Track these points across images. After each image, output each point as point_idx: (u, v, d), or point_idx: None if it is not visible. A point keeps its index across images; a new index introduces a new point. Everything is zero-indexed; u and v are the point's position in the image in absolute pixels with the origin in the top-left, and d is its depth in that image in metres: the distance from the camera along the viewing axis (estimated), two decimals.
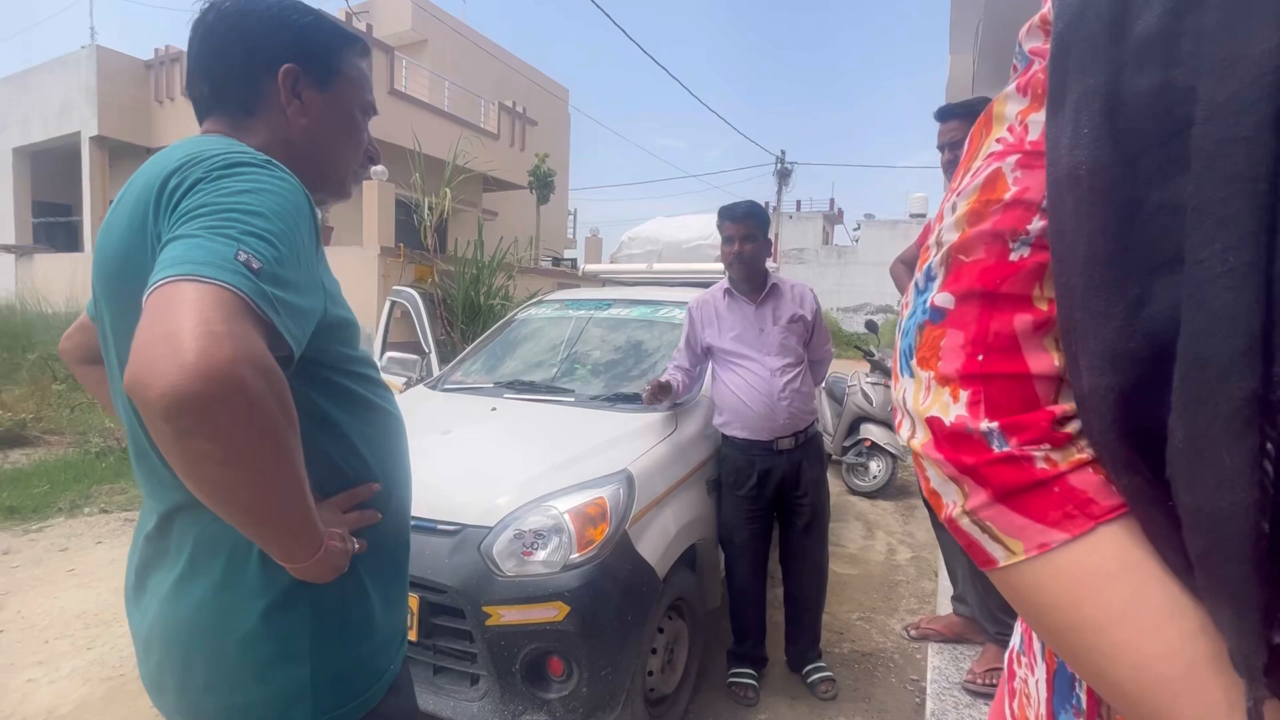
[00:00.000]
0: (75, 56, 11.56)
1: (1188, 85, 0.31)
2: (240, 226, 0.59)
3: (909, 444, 0.43)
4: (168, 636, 0.73)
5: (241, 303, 0.55)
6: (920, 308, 0.43)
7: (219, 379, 0.51)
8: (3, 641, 2.44)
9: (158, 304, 0.53)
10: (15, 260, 11.88)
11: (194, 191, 0.62)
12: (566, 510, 1.70)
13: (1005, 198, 0.41)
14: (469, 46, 13.34)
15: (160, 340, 0.51)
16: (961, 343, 0.40)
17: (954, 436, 0.39)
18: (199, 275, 0.54)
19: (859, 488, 4.66)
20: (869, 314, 18.82)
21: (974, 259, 0.41)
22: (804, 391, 2.21)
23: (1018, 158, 0.42)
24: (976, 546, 0.40)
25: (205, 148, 0.67)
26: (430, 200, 7.24)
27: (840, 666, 2.44)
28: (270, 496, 0.59)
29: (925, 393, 0.41)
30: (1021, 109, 0.43)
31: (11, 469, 4.44)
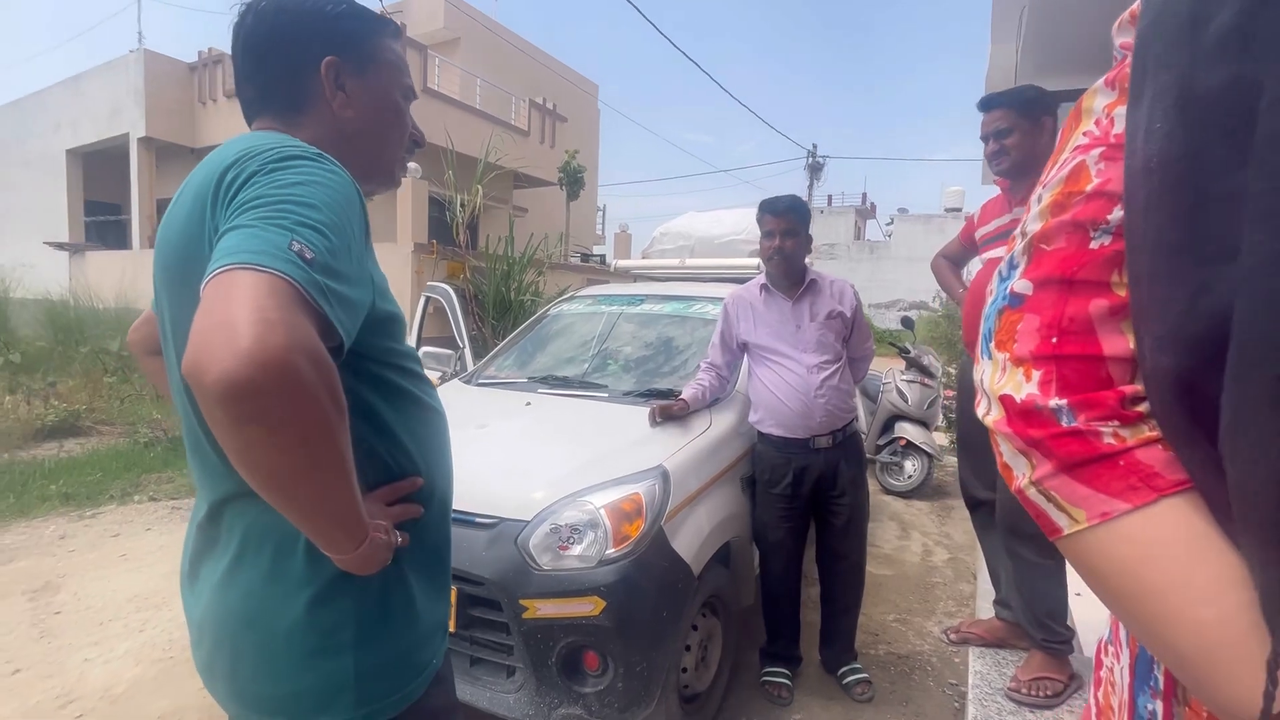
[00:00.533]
0: (124, 60, 11.99)
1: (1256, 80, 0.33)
2: (294, 217, 0.60)
3: (985, 421, 0.45)
4: (218, 624, 0.75)
5: (295, 291, 0.55)
6: (1001, 294, 0.46)
7: (273, 366, 0.51)
8: (61, 622, 2.56)
9: (214, 292, 0.54)
10: (69, 257, 12.40)
11: (250, 184, 0.63)
12: (602, 505, 1.70)
13: (1087, 189, 0.43)
14: (500, 44, 13.44)
15: (217, 327, 0.52)
16: (1037, 326, 0.42)
17: (1025, 412, 0.42)
18: (254, 264, 0.55)
19: (893, 487, 4.58)
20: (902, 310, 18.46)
21: (1054, 248, 0.43)
22: (842, 389, 2.16)
23: (1102, 150, 0.44)
24: (1044, 516, 0.42)
25: (260, 142, 0.68)
26: (462, 197, 7.33)
27: (876, 668, 2.40)
28: (320, 485, 0.59)
29: (1000, 373, 0.44)
30: (1109, 103, 0.45)
31: (67, 458, 4.64)
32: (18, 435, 4.97)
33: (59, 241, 12.50)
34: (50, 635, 2.46)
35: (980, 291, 2.00)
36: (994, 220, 2.04)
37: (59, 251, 12.42)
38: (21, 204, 13.72)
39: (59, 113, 12.99)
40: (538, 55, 14.67)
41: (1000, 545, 2.02)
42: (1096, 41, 3.68)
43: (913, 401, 4.60)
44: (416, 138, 0.91)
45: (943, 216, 22.96)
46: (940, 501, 4.50)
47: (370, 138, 0.83)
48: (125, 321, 7.70)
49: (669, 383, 2.49)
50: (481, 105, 12.02)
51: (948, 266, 2.42)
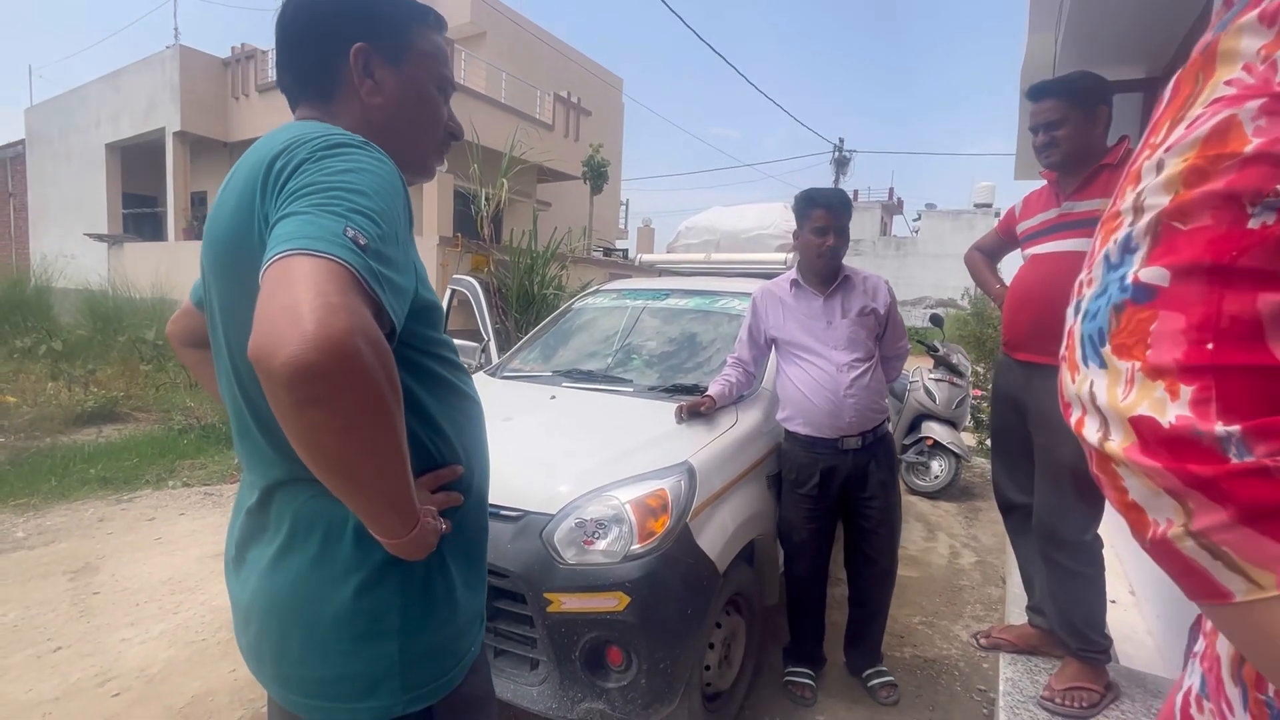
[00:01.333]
0: (160, 56, 12.28)
1: None
2: (346, 204, 0.60)
3: (1102, 447, 0.36)
4: (266, 608, 0.75)
5: (352, 277, 0.56)
6: (1116, 285, 0.36)
7: (337, 350, 0.52)
8: (100, 602, 2.63)
9: (276, 277, 0.55)
10: (108, 249, 12.77)
11: (300, 172, 0.64)
12: (628, 501, 1.69)
13: (1245, 150, 0.33)
14: (526, 37, 13.46)
15: (282, 311, 0.53)
16: (1182, 327, 0.33)
17: (1174, 441, 0.33)
18: (313, 250, 0.56)
19: (919, 488, 4.50)
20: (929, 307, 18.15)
21: (1197, 225, 0.34)
22: (873, 389, 2.10)
23: (1262, 102, 0.34)
24: (1200, 575, 0.33)
25: (306, 131, 0.69)
26: (487, 191, 7.36)
27: (902, 671, 2.36)
28: (378, 467, 0.60)
29: (1128, 387, 0.35)
30: (1265, 43, 0.35)
31: (104, 443, 4.78)
32: (59, 420, 5.13)
33: (98, 233, 12.89)
34: (89, 615, 2.53)
35: (1025, 290, 1.92)
36: (1039, 214, 1.95)
37: (98, 243, 12.80)
38: (63, 197, 14.16)
39: (99, 108, 13.37)
40: (563, 49, 14.67)
41: (1035, 551, 1.96)
42: (1145, 29, 3.53)
43: (940, 400, 4.51)
44: (454, 130, 0.90)
45: (972, 212, 22.49)
46: (968, 503, 4.41)
47: (399, 126, 0.82)
48: (160, 311, 7.91)
49: (694, 378, 2.47)
50: (507, 99, 12.07)
51: (983, 260, 2.34)
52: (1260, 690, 0.34)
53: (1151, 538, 0.34)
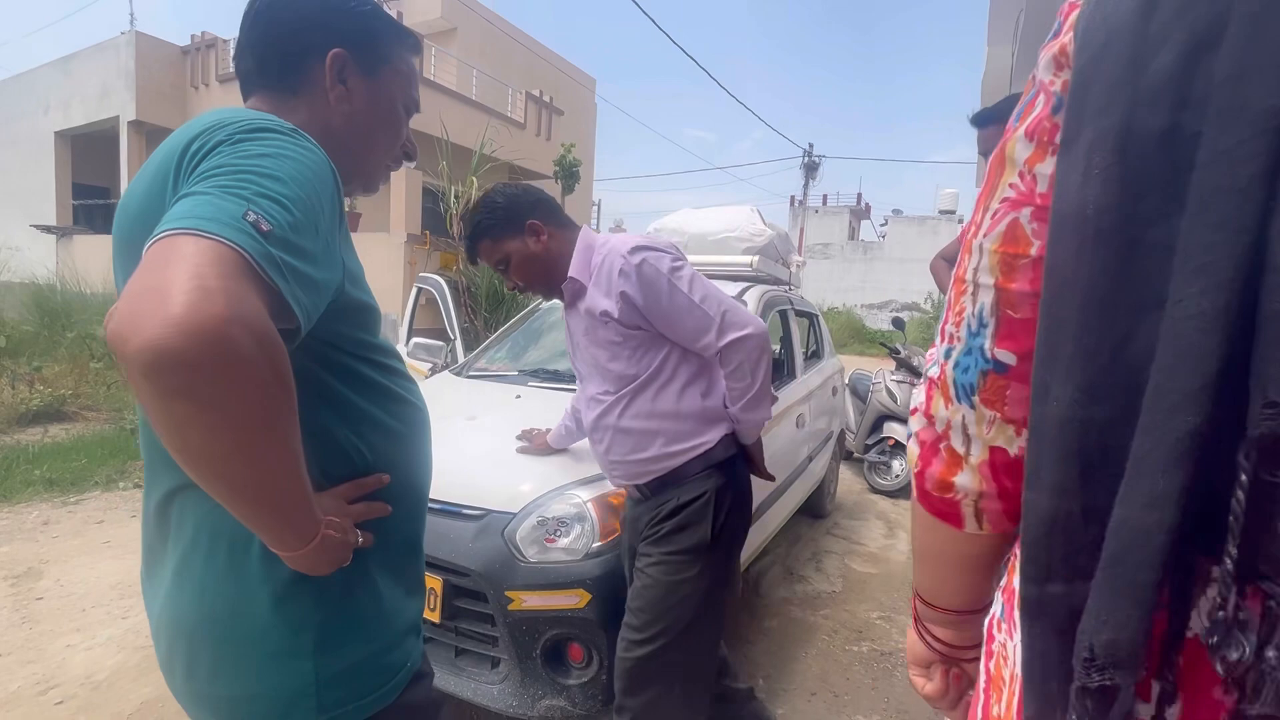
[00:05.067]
0: (115, 42, 11.84)
1: (1194, 130, 0.33)
2: (254, 188, 0.55)
3: (965, 455, 0.51)
4: (174, 623, 0.71)
5: (243, 262, 0.51)
6: (980, 353, 0.48)
7: (205, 336, 0.46)
8: (43, 609, 2.54)
9: (153, 257, 0.50)
10: (56, 241, 12.25)
11: (214, 154, 0.59)
12: (589, 499, 1.71)
13: (1032, 254, 0.45)
14: (497, 35, 13.35)
15: (147, 291, 0.48)
16: (1025, 395, 0.45)
17: (1013, 464, 0.48)
18: (200, 230, 0.50)
19: (881, 486, 4.61)
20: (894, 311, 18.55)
21: (1023, 317, 0.46)
22: (632, 430, 1.43)
23: (1031, 210, 0.45)
24: (957, 517, 0.53)
25: (233, 116, 0.64)
26: (457, 188, 7.29)
27: (859, 665, 2.42)
28: (259, 472, 0.54)
29: (989, 426, 0.49)
30: (1029, 157, 0.45)
31: (51, 443, 4.59)
32: (1, 420, 4.91)
33: (46, 225, 12.35)
34: (32, 621, 2.44)
35: None
36: None
37: (46, 235, 12.27)
38: (8, 186, 13.53)
39: (48, 94, 12.81)
40: (535, 47, 14.59)
41: None
42: None
43: (902, 401, 4.62)
44: (409, 150, 0.88)
45: (936, 218, 23.07)
46: None
47: (359, 137, 0.80)
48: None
49: None
50: (477, 96, 11.95)
51: (946, 269, 2.44)
52: None
53: (946, 499, 0.53)
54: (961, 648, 0.63)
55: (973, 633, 0.61)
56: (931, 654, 0.66)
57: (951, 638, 0.64)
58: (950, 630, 0.64)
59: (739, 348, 1.39)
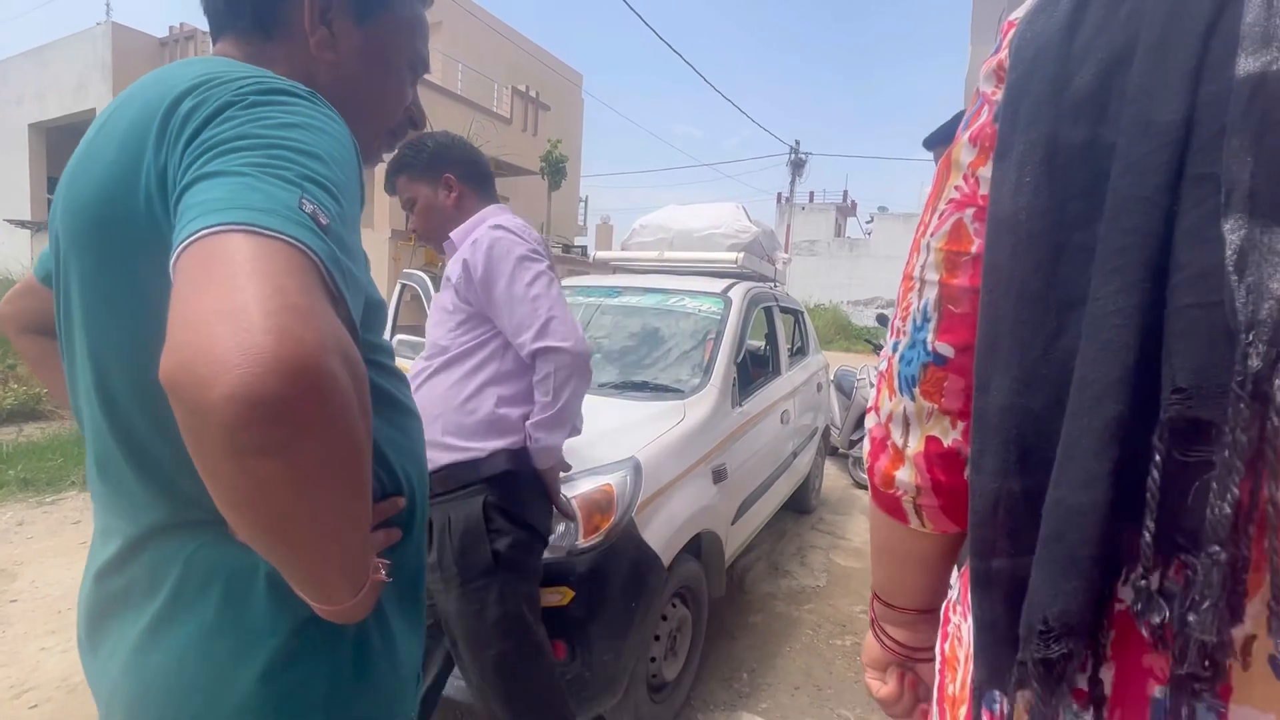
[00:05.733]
0: (90, 33, 11.60)
1: (1111, 142, 0.36)
2: (297, 168, 0.44)
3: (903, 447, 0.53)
4: (139, 699, 0.55)
5: (316, 271, 0.40)
6: (922, 346, 0.51)
7: (307, 375, 0.36)
8: (18, 610, 2.49)
9: (203, 262, 0.38)
10: (31, 235, 11.99)
11: (223, 119, 0.46)
12: (574, 496, 1.70)
13: (973, 251, 0.47)
14: (483, 29, 13.25)
15: (219, 317, 0.36)
16: (962, 386, 0.49)
17: (949, 456, 0.51)
18: (260, 226, 0.39)
19: (865, 481, 4.65)
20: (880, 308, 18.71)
21: (963, 312, 0.48)
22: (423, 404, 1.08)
23: (974, 210, 0.48)
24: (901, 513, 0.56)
25: (226, 69, 0.52)
26: None
27: (842, 659, 2.45)
28: (339, 527, 0.43)
29: (927, 417, 0.51)
30: (972, 160, 0.48)
31: (26, 442, 4.50)
32: None
33: (20, 219, 12.09)
34: (6, 623, 2.39)
35: None
36: None
37: (20, 229, 12.01)
38: None
39: (21, 85, 12.52)
40: (522, 42, 14.50)
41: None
42: None
43: None
44: (415, 117, 0.75)
45: None
46: None
47: (351, 98, 0.65)
48: None
49: (646, 375, 2.50)
50: (463, 91, 11.86)
51: None
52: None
53: (891, 494, 0.55)
54: (917, 649, 0.64)
55: (927, 634, 0.63)
56: (888, 656, 0.67)
57: (907, 638, 0.65)
58: (906, 631, 0.65)
59: (551, 358, 1.32)
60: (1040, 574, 0.38)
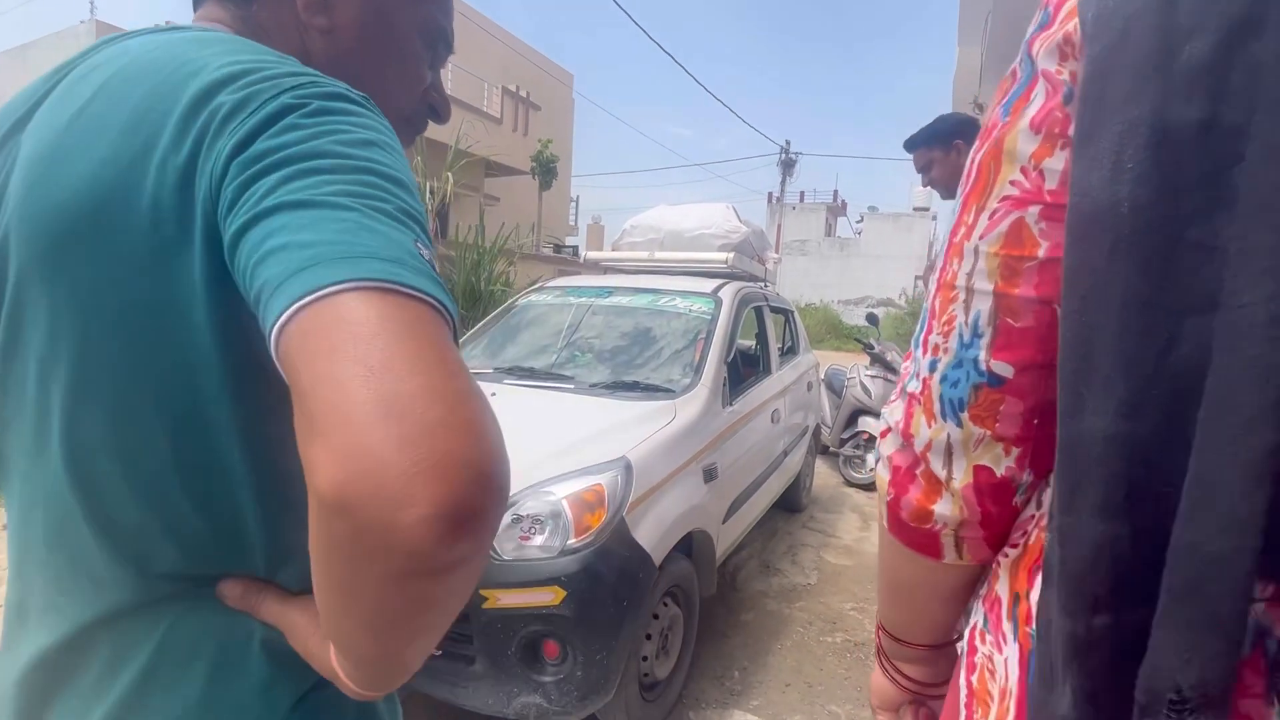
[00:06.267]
0: (74, 31, 11.47)
1: (1236, 122, 0.31)
2: (395, 201, 0.37)
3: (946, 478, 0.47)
4: None
5: (454, 332, 0.36)
6: (972, 365, 0.44)
7: (499, 478, 0.31)
8: None
9: (343, 333, 0.31)
10: None
11: (284, 127, 0.37)
12: (564, 496, 1.71)
13: (1039, 255, 0.41)
14: (473, 29, 13.22)
15: (394, 412, 0.29)
16: (1021, 410, 0.43)
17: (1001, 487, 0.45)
18: (397, 282, 0.32)
19: (855, 479, 4.68)
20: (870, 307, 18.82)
21: (1024, 325, 0.42)
22: None
23: (1039, 209, 0.41)
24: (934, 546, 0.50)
25: (260, 56, 0.42)
26: (432, 184, 7.21)
27: (833, 656, 2.47)
28: (449, 624, 0.37)
29: (976, 445, 0.45)
30: (1035, 150, 0.41)
31: None
32: None
33: None
34: None
35: None
36: None
37: None
38: None
39: (3, 84, 12.35)
40: (512, 42, 14.47)
41: None
42: None
43: (876, 396, 4.69)
44: (436, 104, 0.61)
45: (911, 215, 23.43)
46: None
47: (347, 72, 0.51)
48: None
49: (637, 375, 2.50)
50: (453, 91, 11.82)
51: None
52: (1027, 624, 0.43)
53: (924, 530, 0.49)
54: (933, 685, 0.60)
55: (945, 668, 0.59)
56: (901, 694, 0.62)
57: (925, 675, 0.60)
58: (923, 667, 0.60)
59: None
60: (1167, 633, 0.32)
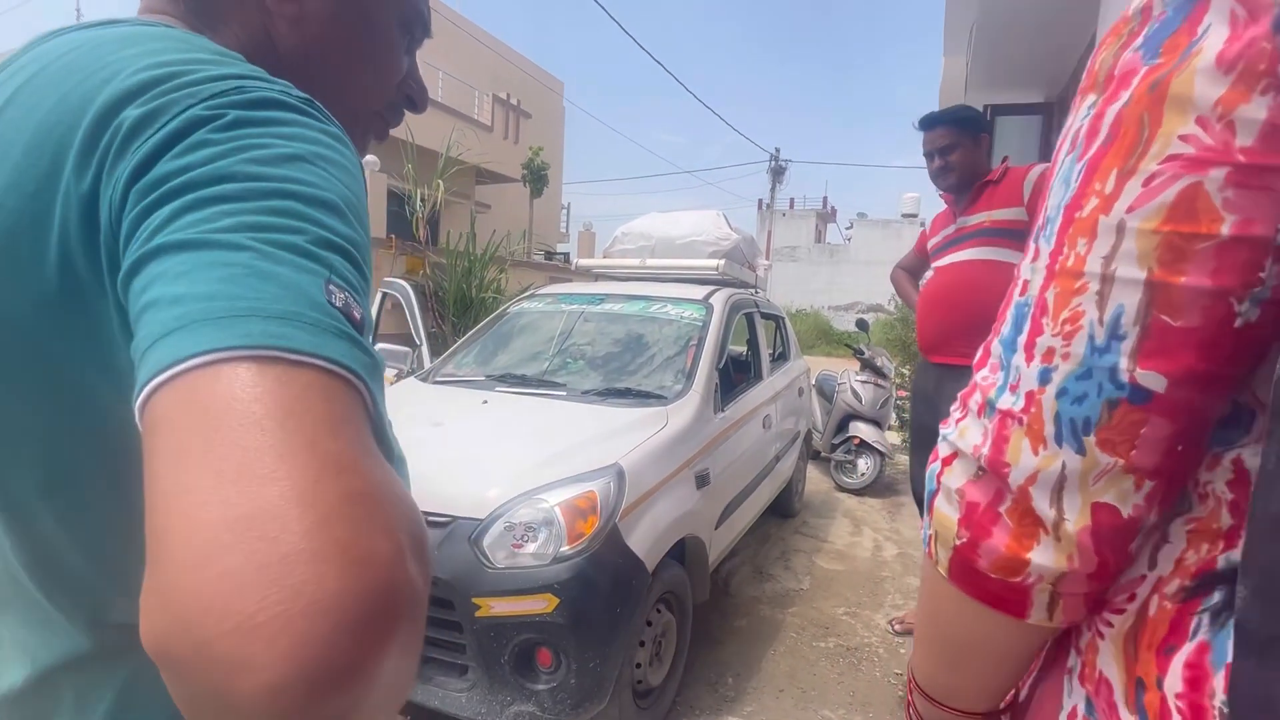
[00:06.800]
0: None
1: None
2: (314, 230, 0.31)
3: (1054, 519, 0.36)
4: None
5: (363, 404, 0.29)
6: (1107, 375, 0.34)
7: (389, 613, 0.24)
8: None
9: (198, 421, 0.25)
10: None
11: (191, 145, 0.32)
12: (557, 503, 1.71)
13: (1221, 233, 0.31)
14: (463, 37, 13.25)
15: (242, 535, 0.22)
16: (1168, 434, 0.33)
17: (1123, 530, 0.35)
18: (283, 348, 0.26)
19: (847, 485, 4.70)
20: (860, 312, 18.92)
21: (1188, 325, 0.32)
22: None
23: (1226, 172, 0.31)
24: (1021, 603, 0.39)
25: (185, 55, 0.36)
26: (422, 191, 7.22)
27: (825, 661, 2.47)
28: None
29: (1099, 477, 0.35)
30: (1223, 96, 0.30)
31: None
32: None
33: None
34: None
35: (932, 299, 2.09)
36: (941, 231, 2.16)
37: None
38: None
39: None
40: (502, 50, 14.52)
41: None
42: (1040, 57, 3.86)
43: (866, 401, 4.73)
44: (413, 94, 0.58)
45: (899, 222, 23.63)
46: (891, 498, 4.64)
47: (318, 64, 0.50)
48: None
49: (629, 382, 2.51)
50: (443, 99, 11.84)
51: (906, 278, 2.54)
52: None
53: (1012, 583, 0.38)
54: None
55: None
56: None
57: None
58: None
59: None
60: None
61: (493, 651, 1.61)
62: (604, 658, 1.65)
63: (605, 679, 1.67)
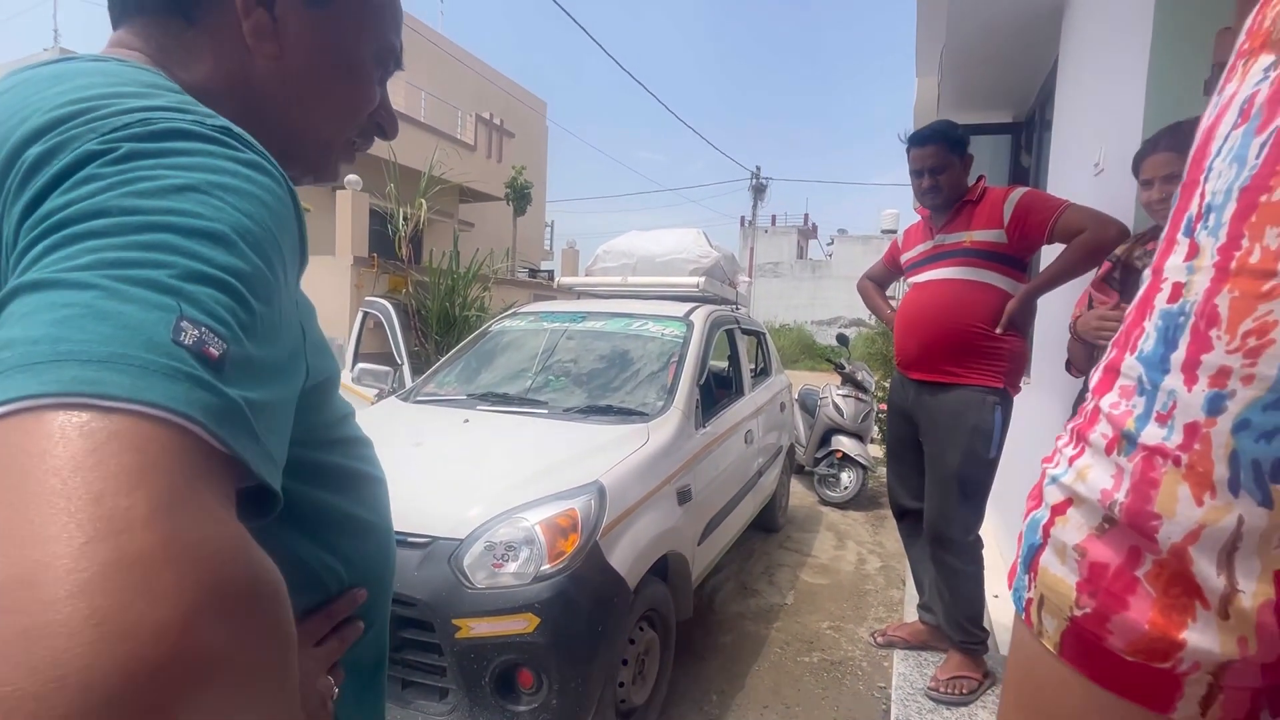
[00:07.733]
0: (37, 59, 11.31)
1: None
2: (183, 264, 0.30)
3: (1223, 590, 0.26)
4: None
5: (190, 443, 0.27)
6: None
7: (151, 689, 0.22)
8: None
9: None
10: None
11: (78, 180, 0.32)
12: (537, 522, 1.71)
13: None
14: (446, 58, 13.35)
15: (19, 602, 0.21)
16: None
17: None
18: (93, 394, 0.25)
19: (830, 498, 4.73)
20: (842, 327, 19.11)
21: None
22: None
23: None
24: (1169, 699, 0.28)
25: (111, 90, 0.37)
26: (405, 210, 7.21)
27: (810, 676, 2.47)
28: None
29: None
30: None
31: None
32: None
33: None
34: None
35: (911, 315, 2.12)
36: (917, 246, 2.18)
37: None
38: None
39: None
40: (485, 70, 14.64)
41: (925, 552, 2.13)
42: (1006, 82, 4.00)
43: (848, 415, 4.77)
44: (383, 122, 0.60)
45: (880, 238, 23.99)
46: (874, 511, 4.67)
47: (300, 101, 0.52)
48: None
49: (611, 399, 2.52)
50: (426, 118, 11.89)
51: (873, 288, 2.56)
52: None
53: (1158, 670, 0.28)
54: None
55: None
56: None
57: None
58: None
59: None
60: None
61: (473, 673, 1.59)
62: (586, 677, 1.65)
63: (588, 699, 1.66)
